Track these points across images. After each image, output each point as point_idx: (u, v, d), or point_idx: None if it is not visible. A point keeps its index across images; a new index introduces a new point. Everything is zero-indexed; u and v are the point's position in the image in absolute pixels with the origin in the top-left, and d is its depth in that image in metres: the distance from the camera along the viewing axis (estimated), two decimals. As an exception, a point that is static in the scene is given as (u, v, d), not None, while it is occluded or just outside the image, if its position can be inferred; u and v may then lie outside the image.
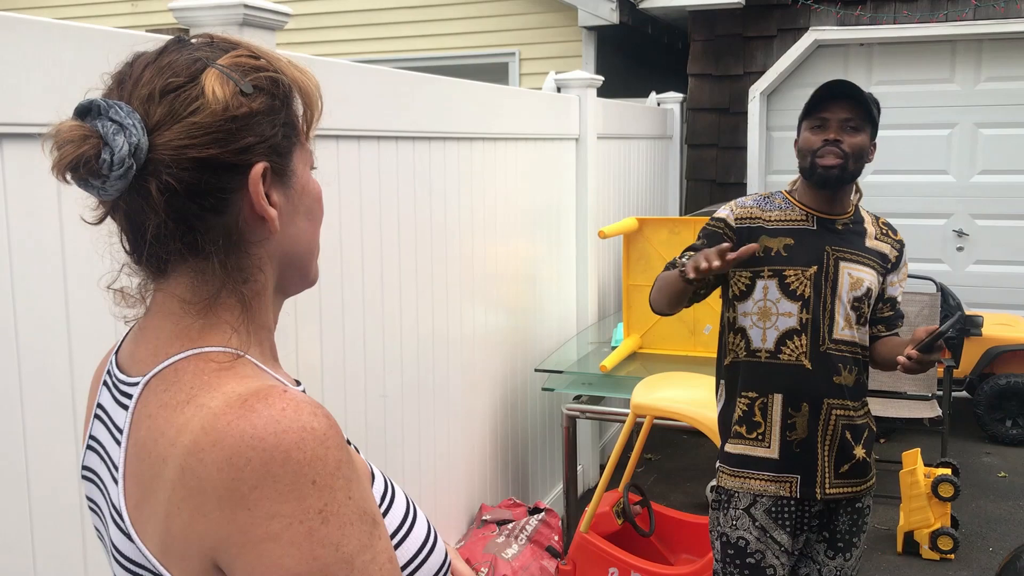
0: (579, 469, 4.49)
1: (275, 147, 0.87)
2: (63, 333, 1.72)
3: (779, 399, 2.31)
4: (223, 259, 0.86)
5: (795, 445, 2.31)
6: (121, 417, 0.86)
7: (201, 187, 0.83)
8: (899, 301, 2.42)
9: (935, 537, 3.95)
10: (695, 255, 2.20)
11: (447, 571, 0.99)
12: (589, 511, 3.38)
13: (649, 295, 2.49)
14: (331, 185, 2.55)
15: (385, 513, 0.93)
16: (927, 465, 4.13)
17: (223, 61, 0.85)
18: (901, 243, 2.42)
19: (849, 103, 2.26)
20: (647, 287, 4.18)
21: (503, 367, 3.85)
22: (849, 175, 2.28)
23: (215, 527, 0.75)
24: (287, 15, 2.22)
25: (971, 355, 5.32)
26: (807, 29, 6.08)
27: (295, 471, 0.75)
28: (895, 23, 5.89)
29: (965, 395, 5.49)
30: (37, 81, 1.62)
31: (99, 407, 0.91)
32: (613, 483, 4.35)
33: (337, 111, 2.49)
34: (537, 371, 4.03)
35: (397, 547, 0.92)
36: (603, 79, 4.67)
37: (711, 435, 2.91)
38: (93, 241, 0.91)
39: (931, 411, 4.78)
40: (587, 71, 6.17)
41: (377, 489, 0.94)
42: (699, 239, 2.45)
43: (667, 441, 5.48)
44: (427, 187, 3.11)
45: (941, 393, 4.73)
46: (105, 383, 0.92)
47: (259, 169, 0.85)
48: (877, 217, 2.44)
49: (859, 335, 2.33)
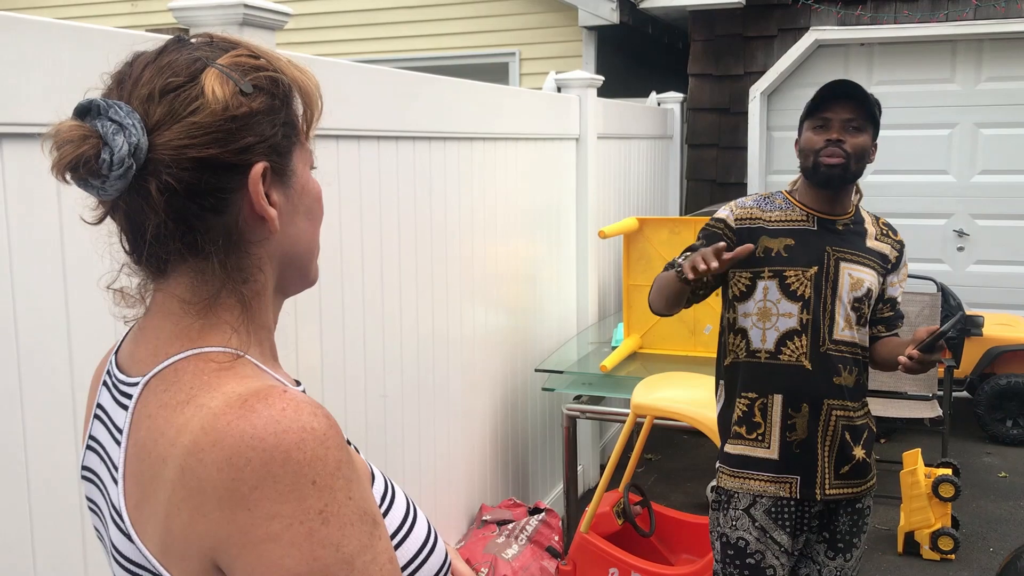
0: (579, 469, 4.49)
1: (275, 147, 0.87)
2: (63, 333, 1.72)
3: (779, 400, 2.31)
4: (223, 259, 0.86)
5: (795, 446, 2.30)
6: (121, 417, 0.85)
7: (201, 187, 0.82)
8: (899, 301, 2.42)
9: (936, 537, 3.95)
10: (692, 255, 2.20)
11: (447, 571, 0.98)
12: (589, 511, 3.38)
13: (648, 296, 2.49)
14: (331, 185, 2.55)
15: (385, 513, 0.93)
16: (928, 465, 4.13)
17: (223, 61, 0.85)
18: (901, 243, 2.42)
19: (852, 103, 2.26)
20: (647, 287, 4.18)
21: (503, 367, 3.85)
22: (851, 175, 2.28)
23: (215, 527, 0.75)
24: (287, 15, 2.22)
25: (972, 355, 5.32)
26: (807, 29, 6.08)
27: (295, 471, 0.75)
28: (896, 23, 5.89)
29: (966, 395, 5.49)
30: (37, 81, 1.62)
31: (99, 407, 0.91)
32: (613, 483, 4.35)
33: (337, 111, 2.49)
34: (537, 371, 4.03)
35: (397, 547, 0.92)
36: (603, 79, 4.67)
37: (711, 435, 2.91)
38: (93, 241, 0.91)
39: (932, 411, 4.78)
40: (587, 71, 6.17)
41: (377, 489, 0.94)
42: (699, 240, 2.45)
43: (667, 441, 5.48)
44: (427, 187, 3.11)
45: (942, 393, 4.73)
46: (105, 383, 0.92)
47: (259, 169, 0.85)
48: (877, 217, 2.43)
49: (859, 336, 2.33)
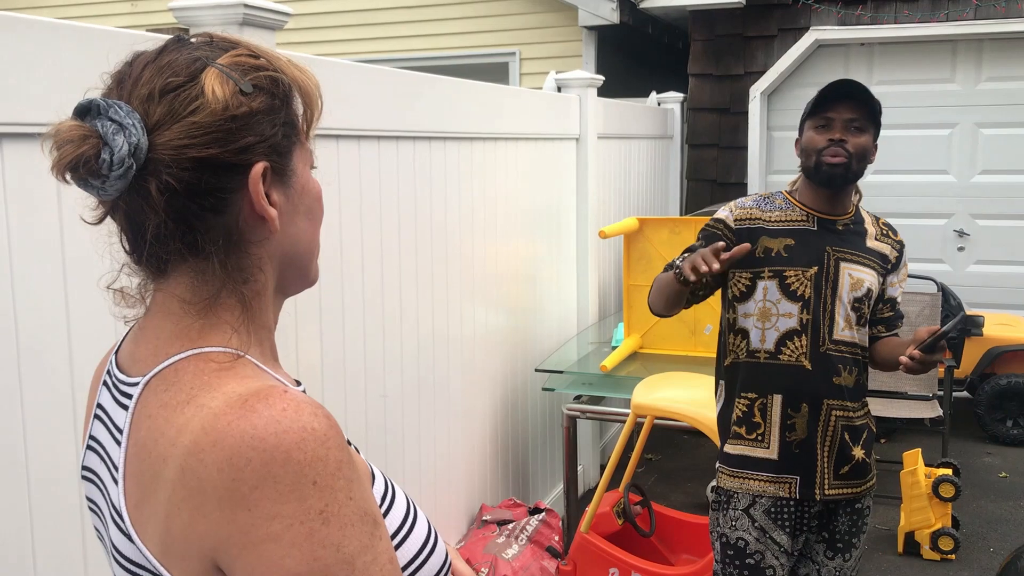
0: (579, 469, 4.49)
1: (275, 147, 0.86)
2: (63, 333, 1.72)
3: (778, 400, 2.31)
4: (223, 259, 0.85)
5: (794, 446, 2.30)
6: (121, 417, 0.85)
7: (201, 187, 0.82)
8: (899, 302, 2.42)
9: (936, 537, 3.95)
10: (691, 256, 2.20)
11: (447, 571, 0.98)
12: (589, 511, 3.38)
13: (648, 296, 2.49)
14: (331, 185, 2.55)
15: (386, 514, 0.93)
16: (928, 465, 4.13)
17: (223, 60, 0.85)
18: (901, 244, 2.42)
19: (854, 103, 2.25)
20: (647, 287, 4.18)
21: (503, 367, 3.85)
22: (853, 175, 2.28)
23: (215, 527, 0.75)
24: (287, 15, 2.22)
25: (972, 355, 5.32)
26: (808, 29, 6.08)
27: (296, 472, 0.75)
28: (896, 23, 5.89)
29: (966, 395, 5.49)
30: (37, 81, 1.62)
31: (99, 407, 0.91)
32: (613, 483, 4.35)
33: (337, 111, 2.49)
34: (537, 371, 4.03)
35: (398, 548, 0.92)
36: (603, 79, 4.67)
37: (711, 435, 2.91)
38: (93, 241, 0.91)
39: (932, 411, 4.78)
40: (587, 71, 6.17)
41: (377, 490, 0.94)
42: (698, 240, 2.45)
43: (667, 441, 5.48)
44: (427, 187, 3.11)
45: (942, 393, 4.73)
46: (105, 383, 0.92)
47: (259, 169, 0.85)
48: (877, 218, 2.43)
49: (859, 336, 2.33)
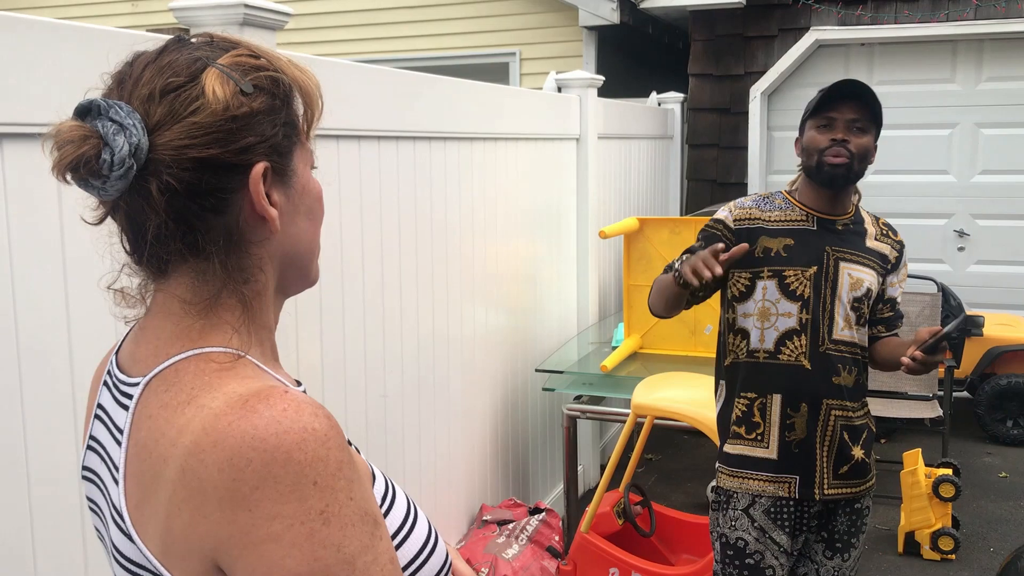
0: (580, 469, 4.49)
1: (276, 147, 0.86)
2: (63, 333, 1.72)
3: (778, 399, 2.31)
4: (224, 259, 0.85)
5: (794, 445, 2.30)
6: (121, 417, 0.85)
7: (202, 187, 0.82)
8: (899, 302, 2.42)
9: (936, 537, 3.95)
10: (691, 258, 2.20)
11: (448, 571, 0.98)
12: (590, 511, 3.38)
13: (648, 298, 2.49)
14: (331, 185, 2.55)
15: (386, 514, 0.93)
16: (928, 465, 4.13)
17: (223, 61, 0.85)
18: (901, 244, 2.42)
19: (856, 104, 2.25)
20: (648, 287, 4.18)
21: (503, 367, 3.85)
22: (854, 175, 2.28)
23: (216, 528, 0.75)
24: (287, 15, 2.22)
25: (972, 355, 5.32)
26: (808, 29, 6.08)
27: (296, 472, 0.75)
28: (896, 23, 5.89)
29: (966, 395, 5.49)
30: (37, 81, 1.62)
31: (99, 407, 0.91)
32: (614, 483, 4.35)
33: (338, 111, 2.49)
34: (538, 371, 4.03)
35: (398, 548, 0.92)
36: (604, 79, 4.67)
37: (712, 435, 2.91)
38: (93, 241, 0.91)
39: (932, 411, 4.78)
40: (588, 71, 6.17)
41: (378, 490, 0.94)
42: (698, 241, 2.45)
43: (668, 441, 5.48)
44: (428, 187, 3.11)
45: (942, 393, 4.73)
46: (105, 383, 0.92)
47: (260, 169, 0.85)
48: (877, 218, 2.43)
49: (858, 336, 2.33)
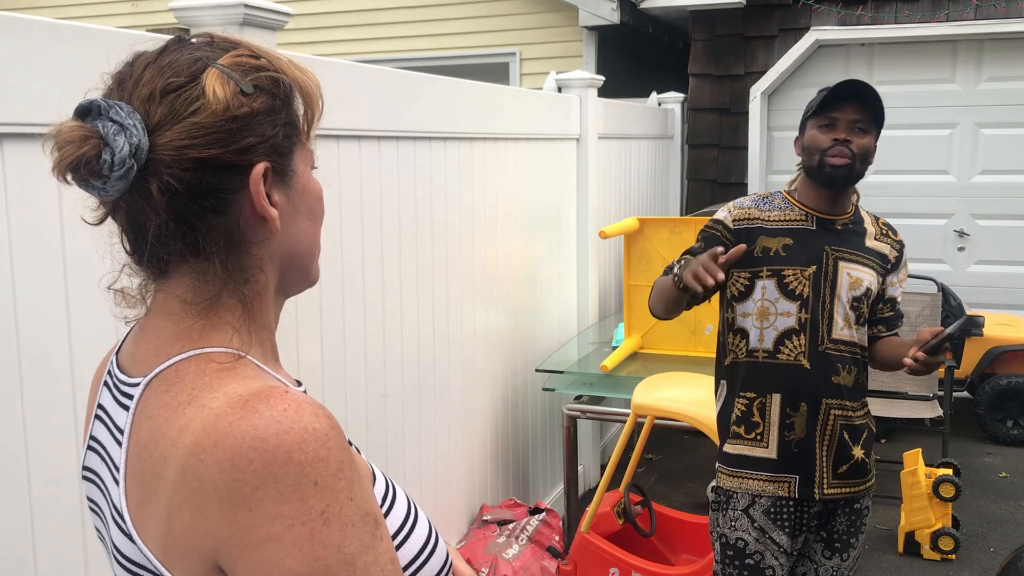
0: (580, 469, 4.49)
1: (276, 147, 0.87)
2: (64, 333, 1.72)
3: (777, 399, 2.31)
4: (224, 259, 0.85)
5: (793, 445, 2.30)
6: (122, 418, 0.85)
7: (202, 187, 0.82)
8: (899, 301, 2.42)
9: (936, 537, 3.95)
10: (691, 264, 2.19)
11: (448, 571, 0.98)
12: (590, 511, 3.38)
13: (648, 300, 2.49)
14: (332, 185, 2.55)
15: (386, 514, 0.93)
16: (928, 465, 4.12)
17: (224, 61, 0.85)
18: (901, 244, 2.42)
19: (858, 104, 2.25)
20: (648, 287, 4.18)
21: (504, 367, 3.85)
22: (855, 176, 2.28)
23: (216, 528, 0.75)
24: (287, 15, 2.22)
25: (972, 355, 5.32)
26: (808, 29, 6.08)
27: (297, 472, 0.75)
28: (896, 23, 5.89)
29: (966, 395, 5.49)
30: (38, 81, 1.62)
31: (100, 407, 0.91)
32: (614, 483, 4.35)
33: (338, 111, 2.49)
34: (538, 371, 4.03)
35: (398, 548, 0.92)
36: (604, 79, 4.67)
37: (712, 435, 2.91)
38: (94, 241, 0.91)
39: (932, 411, 4.78)
40: (588, 71, 6.17)
41: (378, 490, 0.94)
42: (698, 242, 2.45)
43: (668, 441, 5.48)
44: (428, 187, 3.11)
45: (942, 393, 4.73)
46: (106, 383, 0.92)
47: (260, 169, 0.85)
48: (877, 218, 2.43)
49: (858, 335, 2.33)
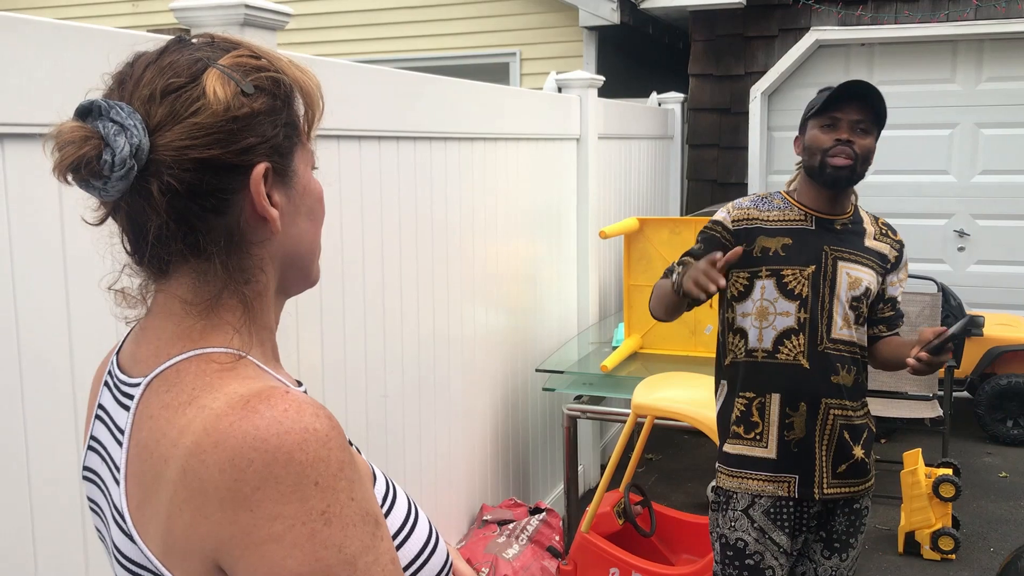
0: (580, 469, 4.49)
1: (276, 147, 0.87)
2: (64, 333, 1.72)
3: (777, 399, 2.31)
4: (225, 260, 0.86)
5: (793, 445, 2.30)
6: (122, 418, 0.85)
7: (203, 188, 0.82)
8: (900, 301, 2.42)
9: (936, 537, 3.95)
10: (690, 273, 2.19)
11: (448, 571, 0.98)
12: (590, 511, 3.38)
13: (648, 302, 2.49)
14: (332, 185, 2.55)
15: (387, 514, 0.93)
16: (928, 465, 4.13)
17: (224, 61, 0.85)
18: (901, 243, 2.42)
19: (861, 104, 2.25)
20: (648, 287, 4.18)
21: (504, 367, 3.85)
22: (857, 177, 2.28)
23: (217, 528, 0.75)
24: (288, 15, 2.22)
25: (972, 355, 5.32)
26: (808, 29, 6.07)
27: (298, 472, 0.75)
28: (896, 23, 5.89)
29: (966, 395, 5.49)
30: (38, 81, 1.62)
31: (100, 408, 0.91)
32: (614, 483, 4.35)
33: (338, 111, 2.49)
34: (538, 371, 4.03)
35: (399, 548, 0.92)
36: (604, 79, 4.67)
37: (712, 435, 2.91)
38: (94, 242, 0.91)
39: (932, 411, 4.78)
40: (588, 71, 6.17)
41: (379, 490, 0.94)
42: (697, 243, 2.45)
43: (668, 441, 5.48)
44: (428, 187, 3.11)
45: (942, 393, 4.73)
46: (106, 383, 0.92)
47: (260, 170, 0.85)
48: (876, 217, 2.43)
49: (857, 335, 2.33)
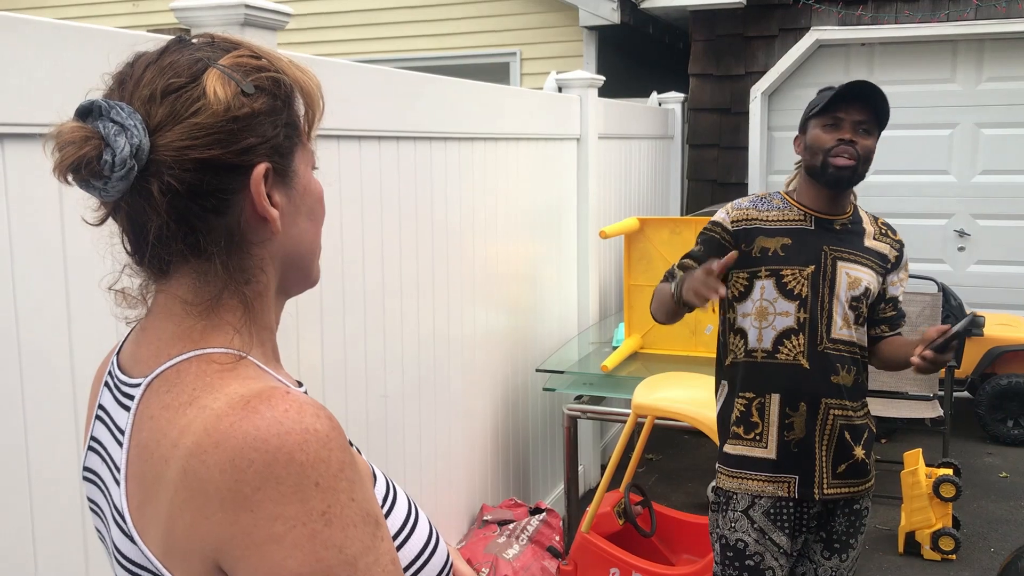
0: (580, 469, 4.49)
1: (277, 147, 0.86)
2: (64, 333, 1.72)
3: (776, 399, 2.30)
4: (225, 260, 0.85)
5: (793, 445, 2.30)
6: (123, 418, 0.85)
7: (203, 188, 0.82)
8: (901, 301, 2.42)
9: (936, 537, 3.95)
10: (690, 283, 2.19)
11: (449, 572, 0.98)
12: (590, 511, 3.38)
13: (649, 305, 2.50)
14: (332, 185, 2.55)
15: (387, 514, 0.93)
16: (928, 465, 4.12)
17: (224, 61, 0.84)
18: (901, 243, 2.42)
19: (863, 105, 2.25)
20: (648, 287, 4.18)
21: (504, 367, 3.85)
22: (858, 177, 2.29)
23: (217, 529, 0.75)
24: (288, 15, 2.22)
25: (972, 355, 5.32)
26: (808, 29, 6.07)
27: (298, 473, 0.74)
28: (896, 23, 5.89)
29: (966, 395, 5.48)
30: (39, 81, 1.62)
31: (100, 408, 0.91)
32: (614, 483, 4.35)
33: (338, 111, 2.49)
34: (538, 371, 4.02)
35: (399, 548, 0.92)
36: (604, 79, 4.67)
37: (712, 435, 2.91)
38: (94, 242, 0.91)
39: (932, 411, 4.78)
40: (588, 71, 6.17)
41: (379, 490, 0.94)
42: (697, 244, 2.45)
43: (668, 441, 5.48)
44: (428, 187, 3.11)
45: (943, 393, 4.73)
46: (106, 384, 0.92)
47: (261, 170, 0.85)
48: (876, 217, 2.43)
49: (857, 335, 2.32)
